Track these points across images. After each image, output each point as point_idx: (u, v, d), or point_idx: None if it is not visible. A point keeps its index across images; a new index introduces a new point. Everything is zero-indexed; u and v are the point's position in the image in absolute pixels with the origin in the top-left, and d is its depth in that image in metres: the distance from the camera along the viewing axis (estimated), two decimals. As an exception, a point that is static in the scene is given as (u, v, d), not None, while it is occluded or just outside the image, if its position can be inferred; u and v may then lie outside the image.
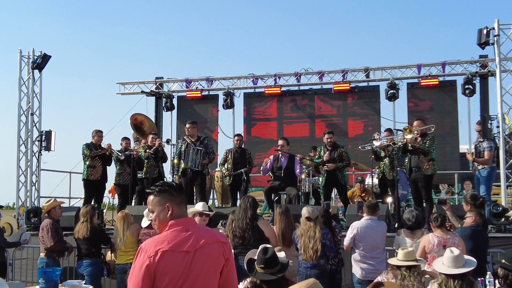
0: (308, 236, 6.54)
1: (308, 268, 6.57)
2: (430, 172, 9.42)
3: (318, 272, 6.54)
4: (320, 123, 15.14)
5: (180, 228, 3.03)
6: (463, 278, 4.41)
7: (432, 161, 9.42)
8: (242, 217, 6.52)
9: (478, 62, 13.78)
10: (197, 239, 3.04)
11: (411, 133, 9.34)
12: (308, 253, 6.50)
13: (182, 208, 3.13)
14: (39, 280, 5.63)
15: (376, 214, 7.16)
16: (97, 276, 7.72)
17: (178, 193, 3.14)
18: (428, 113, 13.78)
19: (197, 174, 10.35)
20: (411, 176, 9.76)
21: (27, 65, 13.22)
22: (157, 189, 3.11)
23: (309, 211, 6.69)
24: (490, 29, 10.65)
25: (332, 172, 10.26)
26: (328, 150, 10.39)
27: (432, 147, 9.45)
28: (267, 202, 10.53)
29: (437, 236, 6.38)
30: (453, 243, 6.17)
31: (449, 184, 13.90)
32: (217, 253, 3.09)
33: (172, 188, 3.13)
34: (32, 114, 13.13)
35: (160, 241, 2.96)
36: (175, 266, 2.92)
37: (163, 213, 3.06)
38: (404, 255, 5.23)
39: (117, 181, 11.30)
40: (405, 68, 14.51)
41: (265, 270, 4.13)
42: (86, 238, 7.65)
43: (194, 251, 2.99)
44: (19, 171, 12.91)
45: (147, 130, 12.86)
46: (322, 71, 15.00)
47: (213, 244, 3.08)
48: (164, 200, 3.07)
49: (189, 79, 15.99)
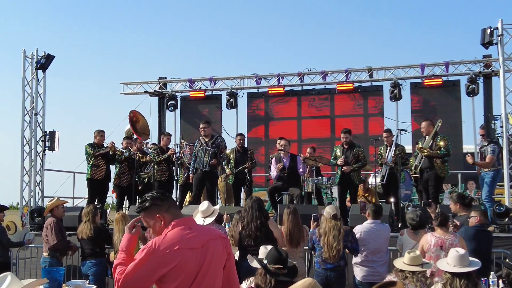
0: (333, 235, 6.49)
1: (328, 270, 6.54)
2: (442, 174, 9.66)
3: (337, 274, 6.54)
4: (323, 123, 15.14)
5: (183, 227, 3.07)
6: (469, 277, 4.41)
7: (446, 163, 9.58)
8: (256, 216, 6.42)
9: (482, 62, 13.75)
10: (202, 236, 3.10)
11: (427, 152, 9.54)
12: (332, 252, 6.45)
13: (173, 211, 3.16)
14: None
15: (380, 218, 7.16)
16: (101, 276, 7.73)
17: (162, 199, 3.17)
18: (431, 113, 13.74)
19: (207, 174, 10.35)
20: (424, 177, 9.82)
21: (31, 65, 13.24)
22: (142, 206, 3.16)
23: (335, 209, 6.68)
24: (493, 29, 10.62)
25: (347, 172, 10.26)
26: (344, 148, 10.37)
27: (448, 146, 9.67)
28: (271, 202, 10.52)
29: (435, 236, 6.36)
30: (451, 244, 6.12)
31: (452, 184, 13.88)
32: (221, 248, 3.18)
33: (154, 199, 3.16)
34: (36, 114, 13.14)
35: (168, 240, 2.99)
36: (187, 263, 2.97)
37: (157, 224, 3.12)
38: (411, 260, 5.15)
39: (116, 182, 11.31)
40: (408, 68, 14.49)
41: (280, 271, 4.07)
42: (90, 238, 7.66)
43: (201, 247, 3.04)
44: (23, 171, 12.94)
45: (139, 129, 12.87)
46: (325, 71, 14.99)
47: (217, 240, 3.17)
48: (153, 213, 3.12)
49: (193, 79, 16.00)
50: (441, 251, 6.15)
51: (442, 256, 6.08)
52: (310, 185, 10.46)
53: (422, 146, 9.75)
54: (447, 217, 6.71)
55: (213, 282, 3.09)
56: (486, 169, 9.92)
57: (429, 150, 9.63)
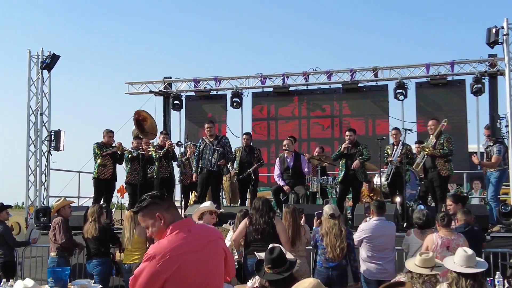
0: (334, 234, 6.49)
1: (330, 269, 6.53)
2: (447, 173, 9.60)
3: (339, 273, 6.53)
4: (328, 122, 15.14)
5: (183, 229, 3.03)
6: (475, 278, 4.39)
7: (449, 162, 9.53)
8: (265, 212, 6.48)
9: (487, 61, 13.73)
10: (201, 238, 3.07)
11: (429, 150, 9.49)
12: (336, 251, 6.45)
13: (172, 211, 3.12)
14: (48, 279, 5.66)
15: (384, 213, 7.14)
16: (106, 275, 7.75)
17: (163, 199, 3.12)
18: (436, 113, 13.72)
19: (212, 173, 10.37)
20: (428, 176, 9.80)
21: (36, 65, 13.26)
22: (141, 205, 3.10)
23: (333, 208, 6.66)
24: (499, 28, 10.58)
25: (352, 169, 10.20)
26: (349, 147, 10.35)
27: (451, 146, 9.62)
28: (276, 201, 10.53)
29: (441, 237, 6.33)
30: (457, 245, 6.11)
31: (458, 184, 13.85)
32: (220, 249, 3.17)
33: (155, 198, 3.11)
34: (41, 114, 13.17)
35: (167, 245, 2.94)
36: (187, 268, 2.93)
37: (157, 223, 3.04)
38: (421, 262, 5.09)
39: (128, 180, 11.31)
40: (413, 68, 14.48)
41: (273, 270, 4.12)
42: (95, 238, 7.70)
43: (202, 250, 3.01)
44: (28, 170, 12.97)
45: (147, 128, 12.85)
46: (330, 70, 14.99)
47: (216, 241, 3.16)
48: (153, 211, 3.06)
49: (197, 78, 16.02)
50: (448, 251, 6.13)
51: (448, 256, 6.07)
52: (315, 185, 10.45)
53: (425, 145, 9.74)
54: (451, 218, 6.69)
55: (214, 283, 3.07)
56: (492, 169, 9.89)
57: (430, 149, 9.61)
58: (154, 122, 13.90)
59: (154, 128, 13.07)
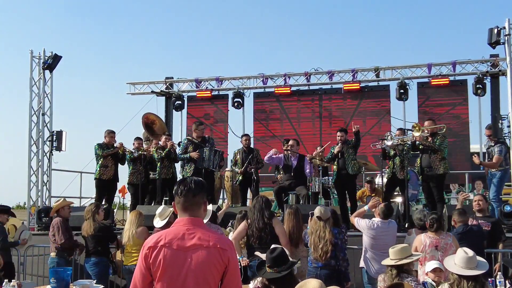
0: (318, 235, 6.52)
1: (318, 268, 6.55)
2: (442, 171, 9.38)
3: (328, 272, 6.53)
4: (329, 122, 15.14)
5: (182, 225, 3.03)
6: (476, 279, 4.39)
7: (444, 160, 9.40)
8: (258, 217, 6.52)
9: (489, 62, 13.71)
10: (192, 239, 2.96)
11: (420, 131, 9.32)
12: (318, 252, 6.49)
13: (182, 207, 3.12)
14: (50, 280, 5.67)
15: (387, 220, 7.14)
16: (102, 275, 7.76)
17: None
18: (438, 113, 13.71)
19: (209, 174, 10.39)
20: (423, 176, 9.73)
21: (38, 66, 13.29)
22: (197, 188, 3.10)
23: (321, 211, 6.66)
24: (501, 28, 10.58)
25: (343, 167, 10.17)
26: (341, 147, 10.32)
27: (443, 145, 9.43)
28: (277, 202, 10.52)
29: (429, 237, 6.34)
30: (445, 244, 6.14)
31: (459, 184, 13.83)
32: (210, 258, 2.93)
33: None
34: (43, 114, 13.20)
35: (159, 235, 3.01)
36: (168, 261, 2.93)
37: (204, 206, 3.12)
38: (394, 254, 5.17)
39: (130, 180, 11.33)
40: (415, 68, 14.46)
41: (273, 269, 4.13)
42: (92, 236, 7.76)
43: (185, 251, 2.94)
44: (30, 171, 12.99)
45: (157, 130, 12.90)
46: (332, 70, 14.98)
47: (208, 248, 2.94)
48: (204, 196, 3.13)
49: (199, 79, 16.03)
50: (436, 251, 6.16)
51: (437, 256, 6.10)
52: (317, 185, 10.44)
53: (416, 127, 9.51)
54: (441, 223, 6.67)
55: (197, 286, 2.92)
56: (493, 169, 9.88)
57: (422, 137, 9.41)
58: (163, 123, 14.01)
59: (163, 129, 13.16)
